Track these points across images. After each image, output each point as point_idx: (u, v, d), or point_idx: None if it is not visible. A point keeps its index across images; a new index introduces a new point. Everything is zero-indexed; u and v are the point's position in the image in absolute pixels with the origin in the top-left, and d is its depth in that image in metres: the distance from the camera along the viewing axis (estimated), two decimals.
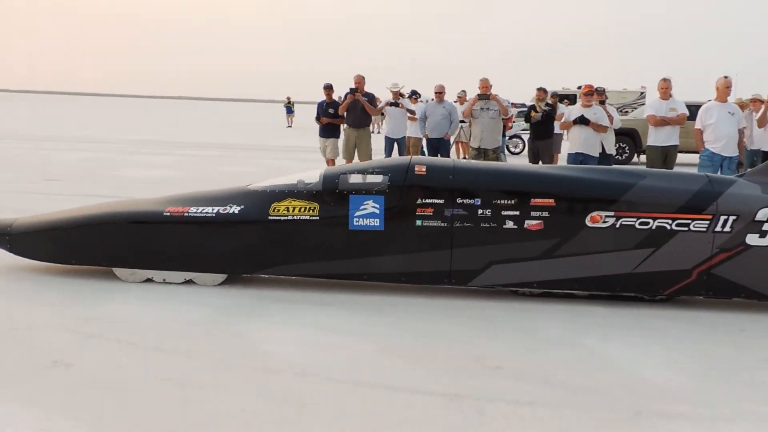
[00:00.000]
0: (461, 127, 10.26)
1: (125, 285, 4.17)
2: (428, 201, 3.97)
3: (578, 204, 3.98)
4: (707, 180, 4.08)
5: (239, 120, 37.83)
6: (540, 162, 8.70)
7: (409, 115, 9.45)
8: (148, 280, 4.22)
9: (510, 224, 3.95)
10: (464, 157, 12.28)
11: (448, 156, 9.23)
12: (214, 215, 4.11)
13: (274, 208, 4.08)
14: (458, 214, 3.96)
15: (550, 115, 8.82)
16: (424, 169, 4.09)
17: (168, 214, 4.17)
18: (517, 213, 3.95)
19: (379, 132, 16.22)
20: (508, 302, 4.09)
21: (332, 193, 4.09)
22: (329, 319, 3.74)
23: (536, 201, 3.94)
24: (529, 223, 3.94)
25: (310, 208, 4.05)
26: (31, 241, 4.31)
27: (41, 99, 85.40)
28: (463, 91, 12.62)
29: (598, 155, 7.54)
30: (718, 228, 3.84)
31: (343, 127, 8.79)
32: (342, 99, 8.61)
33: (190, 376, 2.91)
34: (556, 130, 9.38)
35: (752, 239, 3.84)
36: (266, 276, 4.30)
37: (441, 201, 3.96)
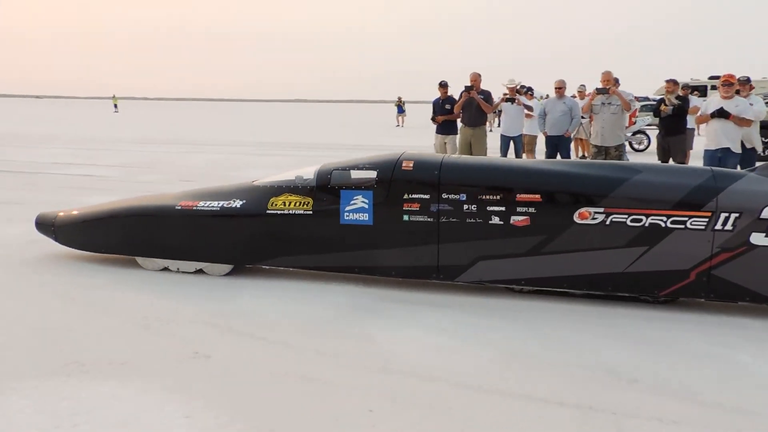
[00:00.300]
0: (581, 123, 9.81)
1: (255, 281, 4.37)
2: (414, 196, 4.00)
3: (566, 200, 3.88)
4: (711, 175, 3.77)
5: (351, 121, 38.76)
6: (671, 160, 8.11)
7: (526, 111, 9.17)
8: (166, 269, 4.52)
9: (496, 220, 3.91)
10: (583, 155, 11.74)
11: (568, 155, 8.86)
12: (219, 209, 4.34)
13: (273, 203, 4.26)
14: (444, 210, 3.97)
15: (683, 109, 8.19)
16: (411, 165, 4.11)
17: (179, 207, 4.43)
18: (503, 209, 3.89)
19: (491, 130, 15.91)
20: (637, 310, 3.84)
21: (325, 189, 4.21)
22: (452, 322, 3.69)
23: (522, 197, 3.87)
24: (515, 219, 3.88)
25: (304, 202, 4.21)
26: (69, 231, 4.69)
27: (169, 105, 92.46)
28: (583, 86, 12.06)
29: (740, 151, 6.88)
30: (719, 226, 3.60)
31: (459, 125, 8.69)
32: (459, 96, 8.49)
33: (318, 373, 2.97)
34: (689, 124, 8.70)
35: (757, 238, 3.57)
36: (283, 269, 4.47)
37: (427, 196, 3.98)
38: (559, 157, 8.70)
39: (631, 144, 14.03)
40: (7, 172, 10.39)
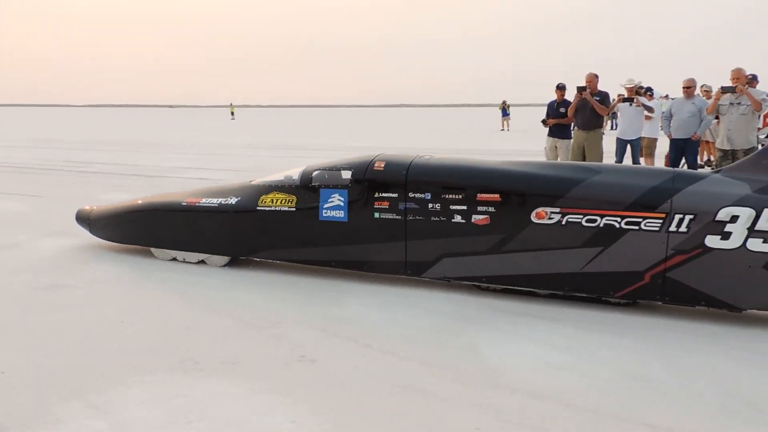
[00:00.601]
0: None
1: (360, 287, 4.38)
2: (384, 195, 4.19)
3: (523, 199, 3.93)
4: (671, 176, 3.73)
5: (456, 125, 38.50)
6: None
7: (646, 113, 8.58)
8: (175, 260, 4.89)
9: (458, 218, 4.02)
10: (709, 159, 10.83)
11: (695, 159, 8.20)
12: (216, 206, 4.70)
13: (262, 200, 4.56)
14: (411, 208, 4.13)
15: None
16: (382, 165, 4.28)
17: (185, 204, 4.85)
18: (465, 208, 4.00)
19: (604, 133, 15.11)
20: None
21: (307, 187, 4.47)
22: (562, 336, 3.48)
23: (482, 196, 3.96)
24: (476, 218, 3.98)
25: (289, 200, 4.48)
26: (100, 224, 5.24)
27: (281, 112, 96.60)
28: (708, 86, 11.13)
29: None
30: (673, 228, 3.55)
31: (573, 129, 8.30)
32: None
33: (422, 384, 2.90)
34: None
35: (712, 241, 3.49)
36: (270, 262, 4.77)
37: (395, 195, 4.15)
38: (684, 161, 8.08)
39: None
40: (134, 175, 11.26)
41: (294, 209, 4.46)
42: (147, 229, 5.04)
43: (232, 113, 52.58)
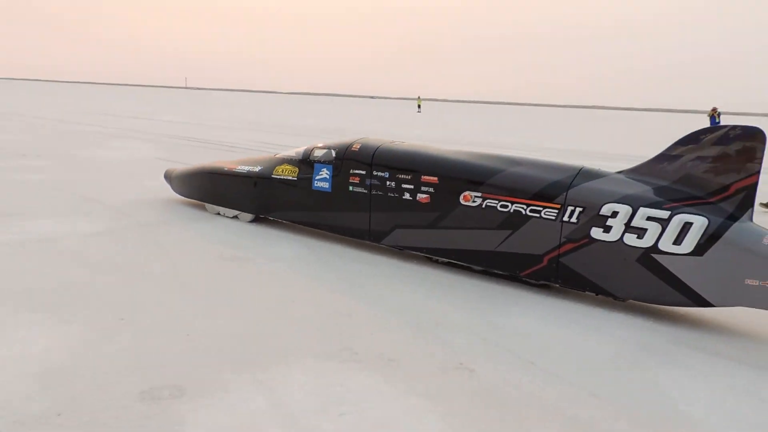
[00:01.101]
0: None
1: (530, 296, 4.12)
2: (356, 171, 4.91)
3: (455, 183, 4.41)
4: (575, 172, 4.09)
5: (660, 133, 35.36)
6: None
7: None
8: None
9: (407, 196, 4.64)
10: None
11: None
12: (246, 172, 5.75)
13: (276, 170, 5.51)
14: (374, 184, 4.82)
15: None
16: (358, 147, 5.01)
17: (226, 169, 5.94)
18: (412, 187, 4.61)
19: None
20: None
21: (306, 162, 5.31)
22: None
23: (425, 178, 4.54)
24: (420, 196, 4.58)
25: (293, 171, 5.38)
26: (176, 183, 6.65)
27: (463, 107, 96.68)
28: None
29: None
30: (566, 218, 3.94)
31: None
32: None
33: (590, 418, 2.60)
34: None
35: (596, 233, 3.84)
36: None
37: (363, 172, 4.87)
38: None
39: None
40: None
41: (296, 179, 5.37)
42: (201, 187, 6.28)
43: (419, 106, 53.81)
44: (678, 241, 3.60)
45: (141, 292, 3.86)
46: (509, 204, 4.16)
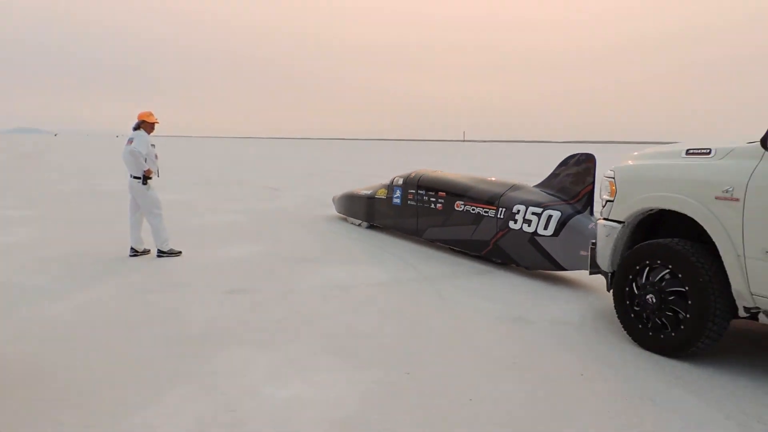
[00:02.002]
0: None
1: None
2: (410, 191, 7.74)
3: (452, 196, 7.01)
4: (509, 186, 6.55)
5: None
6: None
7: None
8: None
9: (433, 206, 7.29)
10: None
11: None
12: (364, 195, 8.79)
13: (377, 192, 8.46)
14: (418, 199, 7.56)
15: None
16: (413, 175, 7.94)
17: (355, 193, 9.15)
18: (434, 199, 7.28)
19: None
20: None
21: (390, 186, 8.20)
22: None
23: (440, 193, 7.23)
24: (437, 205, 7.21)
25: (384, 192, 8.29)
26: (335, 204, 9.89)
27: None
28: None
29: None
30: (500, 216, 6.22)
31: None
32: None
33: None
34: None
35: (511, 224, 6.06)
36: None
37: (413, 191, 7.67)
38: None
39: None
40: None
41: (385, 198, 8.25)
42: (343, 206, 9.52)
43: None
44: (546, 227, 5.67)
45: (425, 345, 3.87)
46: (475, 208, 6.61)
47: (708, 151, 3.63)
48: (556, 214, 5.59)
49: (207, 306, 4.70)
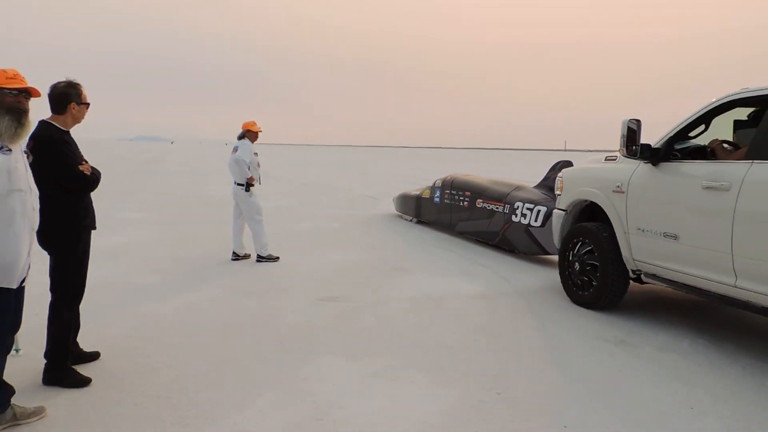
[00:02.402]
0: None
1: None
2: (446, 191, 9.32)
3: (475, 196, 8.51)
4: (515, 187, 8.12)
5: None
6: None
7: None
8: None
9: (461, 203, 8.84)
10: None
11: None
12: (414, 194, 10.58)
13: (423, 192, 10.22)
14: (451, 197, 9.13)
15: None
16: (448, 178, 9.50)
17: (409, 193, 10.89)
18: (461, 197, 8.85)
19: None
20: None
21: (432, 187, 9.90)
22: None
23: (466, 193, 8.75)
24: (464, 203, 8.74)
25: (429, 192, 9.98)
26: (395, 203, 11.53)
27: None
28: None
29: None
30: (506, 211, 7.68)
31: None
32: None
33: None
34: None
35: (514, 218, 7.50)
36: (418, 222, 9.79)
37: (449, 191, 9.30)
38: None
39: None
40: None
41: (428, 197, 9.90)
42: (399, 205, 11.09)
43: None
44: (536, 220, 7.15)
45: (517, 364, 3.73)
46: (489, 205, 8.10)
47: (615, 157, 5.00)
48: (543, 209, 7.15)
49: (300, 312, 4.81)
